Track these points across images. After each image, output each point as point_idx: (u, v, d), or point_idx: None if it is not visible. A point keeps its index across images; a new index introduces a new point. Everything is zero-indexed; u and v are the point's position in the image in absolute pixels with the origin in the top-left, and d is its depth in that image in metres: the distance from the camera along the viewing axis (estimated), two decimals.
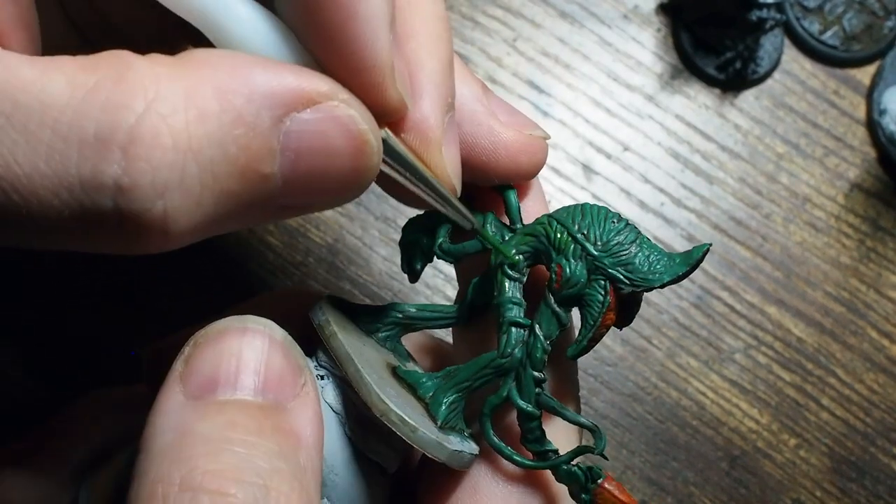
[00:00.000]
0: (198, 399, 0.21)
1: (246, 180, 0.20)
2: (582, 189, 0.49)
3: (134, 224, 0.19)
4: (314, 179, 0.21)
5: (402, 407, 0.24)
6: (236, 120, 0.20)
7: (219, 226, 0.21)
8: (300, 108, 0.20)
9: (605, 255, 0.25)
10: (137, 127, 0.19)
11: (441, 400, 0.26)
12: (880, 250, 0.49)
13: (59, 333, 0.43)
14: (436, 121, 0.25)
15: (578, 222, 0.26)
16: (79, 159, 0.18)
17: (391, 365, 0.27)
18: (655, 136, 0.50)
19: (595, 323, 0.25)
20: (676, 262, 0.25)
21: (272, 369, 0.23)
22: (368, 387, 0.24)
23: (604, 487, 0.25)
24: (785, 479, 0.47)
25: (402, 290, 0.46)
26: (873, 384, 0.48)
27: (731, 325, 0.48)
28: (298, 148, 0.21)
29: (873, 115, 0.50)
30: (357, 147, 0.21)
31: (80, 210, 0.19)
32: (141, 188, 0.19)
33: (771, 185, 0.49)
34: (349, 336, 0.25)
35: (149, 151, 0.19)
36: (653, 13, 0.51)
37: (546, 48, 0.50)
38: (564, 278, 0.25)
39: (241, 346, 0.22)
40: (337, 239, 0.46)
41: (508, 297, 0.26)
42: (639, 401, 0.47)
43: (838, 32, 0.51)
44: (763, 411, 0.47)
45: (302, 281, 0.46)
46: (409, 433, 0.24)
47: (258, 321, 0.23)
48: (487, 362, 0.26)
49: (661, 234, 0.48)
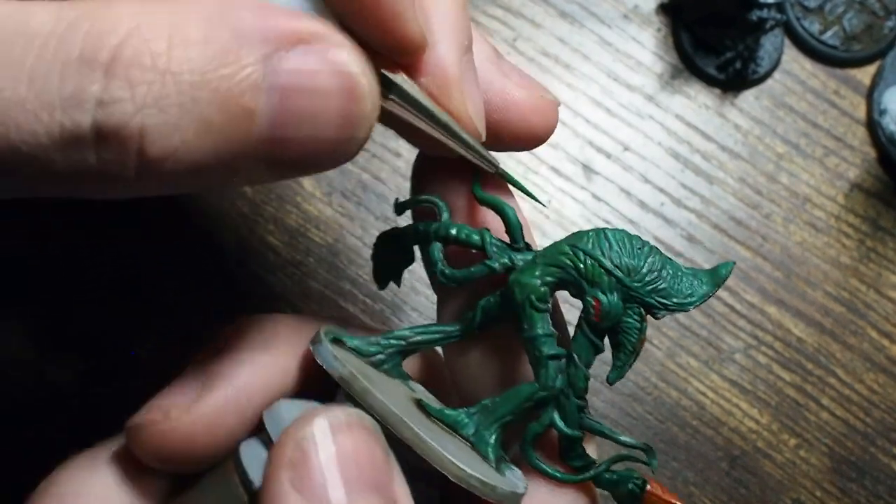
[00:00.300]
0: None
1: (227, 112, 0.20)
2: (582, 189, 0.49)
3: (112, 142, 0.19)
4: (303, 122, 0.20)
5: (473, 466, 0.24)
6: (220, 50, 0.19)
7: (200, 168, 0.20)
8: (288, 47, 0.20)
9: (641, 285, 0.25)
10: (119, 48, 0.19)
11: (486, 439, 0.26)
12: (880, 250, 0.49)
13: (64, 328, 0.43)
14: (453, 60, 0.24)
15: (608, 253, 0.26)
16: (60, 81, 0.19)
17: (415, 400, 0.27)
18: (655, 135, 0.50)
19: (634, 349, 0.26)
20: (704, 282, 0.26)
21: (378, 462, 0.23)
22: (437, 453, 0.24)
23: (651, 493, 0.26)
24: (785, 479, 0.47)
25: (402, 290, 0.46)
26: (873, 384, 0.48)
27: (731, 324, 0.48)
28: (285, 86, 0.20)
29: (873, 115, 0.50)
30: (347, 89, 0.21)
31: (58, 132, 0.19)
32: (119, 103, 0.19)
33: (771, 185, 0.49)
34: (375, 384, 0.25)
35: (128, 70, 0.19)
36: (653, 13, 0.51)
37: (546, 48, 0.50)
38: (604, 312, 0.25)
39: (351, 445, 0.22)
40: (337, 239, 0.46)
41: (540, 332, 0.26)
42: (639, 401, 0.47)
43: (838, 32, 0.51)
44: (763, 411, 0.47)
45: (302, 281, 0.46)
46: (489, 493, 0.24)
47: (352, 413, 0.23)
48: (528, 395, 0.26)
49: (661, 234, 0.48)
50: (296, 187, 0.47)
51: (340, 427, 0.23)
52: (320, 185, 0.47)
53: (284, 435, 0.22)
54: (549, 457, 0.27)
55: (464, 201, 0.28)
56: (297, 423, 0.23)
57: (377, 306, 0.46)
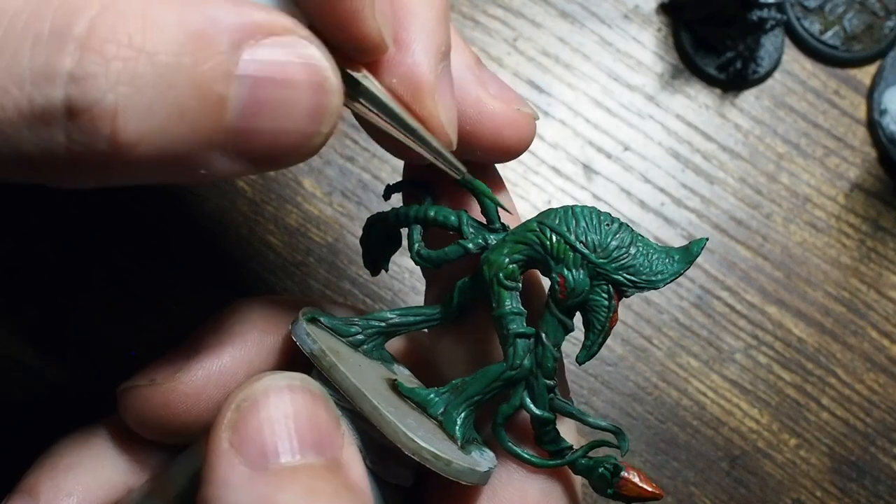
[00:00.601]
0: (263, 469, 0.21)
1: (201, 97, 0.19)
2: (582, 189, 0.49)
3: (83, 119, 0.19)
4: (273, 113, 0.21)
5: (430, 441, 0.24)
6: (194, 34, 0.19)
7: (171, 156, 0.20)
8: (259, 38, 0.20)
9: (607, 261, 0.25)
10: (93, 22, 0.18)
11: (454, 418, 0.26)
12: (881, 250, 0.49)
13: (60, 331, 0.43)
14: (428, 67, 0.24)
15: (574, 230, 0.25)
16: (31, 53, 0.18)
17: (389, 380, 0.26)
18: (656, 135, 0.50)
19: (603, 328, 0.25)
20: (676, 260, 0.25)
21: (321, 425, 0.23)
22: (393, 426, 0.24)
23: (627, 479, 0.25)
24: (785, 479, 0.47)
25: (402, 290, 0.46)
26: (873, 384, 0.48)
27: (731, 325, 0.48)
28: (256, 75, 0.20)
29: (874, 115, 0.50)
30: (316, 82, 0.21)
31: (28, 107, 0.18)
32: (94, 78, 0.18)
33: (771, 185, 0.49)
34: (344, 361, 0.25)
35: (103, 44, 0.18)
36: (653, 13, 0.51)
37: (546, 48, 0.50)
38: (569, 289, 0.25)
39: (290, 406, 0.22)
40: (337, 238, 0.46)
41: (509, 309, 0.26)
42: (639, 401, 0.47)
43: (839, 32, 0.51)
44: (763, 411, 0.47)
45: (303, 281, 0.46)
46: (443, 467, 0.24)
47: (296, 377, 0.23)
48: (497, 375, 0.26)
49: (661, 234, 0.48)
50: (296, 187, 0.47)
51: (281, 390, 0.23)
52: (320, 185, 0.47)
53: (228, 397, 0.23)
54: (527, 442, 0.27)
55: (449, 185, 0.28)
56: (241, 386, 0.23)
57: (377, 306, 0.46)
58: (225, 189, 0.46)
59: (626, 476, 0.25)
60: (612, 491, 0.26)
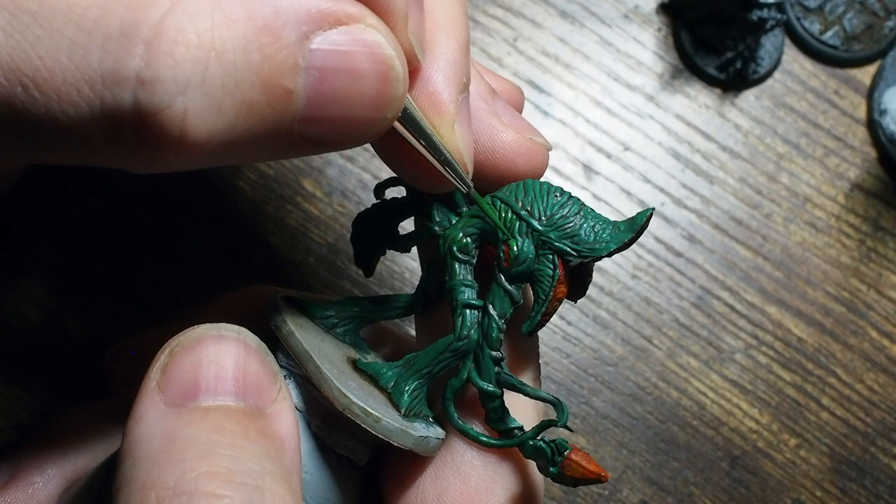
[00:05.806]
0: (180, 406, 0.22)
1: (268, 92, 0.20)
2: (582, 189, 0.49)
3: (152, 123, 0.19)
4: (338, 102, 0.21)
5: (363, 399, 0.24)
6: (262, 29, 0.19)
7: (238, 146, 0.20)
8: (326, 27, 0.20)
9: (551, 229, 0.25)
10: (162, 23, 0.18)
11: (403, 388, 0.26)
12: (881, 250, 0.49)
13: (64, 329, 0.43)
14: (449, 96, 0.25)
15: (521, 199, 0.26)
16: (101, 53, 0.18)
17: (351, 359, 0.27)
18: (656, 135, 0.50)
19: (547, 297, 0.25)
20: (621, 230, 0.25)
21: (250, 375, 0.23)
22: (328, 382, 0.24)
23: (571, 459, 0.25)
24: (785, 479, 0.47)
25: (402, 290, 0.46)
26: (874, 384, 0.48)
27: (731, 325, 0.48)
28: (323, 67, 0.20)
29: (874, 115, 0.50)
30: (383, 72, 0.21)
31: (99, 106, 0.19)
32: (162, 82, 0.18)
33: (771, 185, 0.49)
34: (307, 334, 0.25)
35: (172, 46, 0.18)
36: (653, 13, 0.51)
37: (546, 48, 0.50)
38: (513, 256, 0.25)
39: (219, 354, 0.23)
40: (337, 238, 0.46)
41: (460, 280, 0.26)
42: (639, 401, 0.47)
43: (839, 32, 0.51)
44: (763, 411, 0.47)
45: (303, 281, 0.46)
46: (372, 423, 0.24)
47: (231, 328, 0.23)
48: (445, 346, 0.26)
49: (661, 234, 0.48)
50: (296, 187, 0.47)
51: (213, 338, 0.23)
52: (320, 185, 0.47)
53: (164, 345, 0.23)
54: (479, 423, 0.26)
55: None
56: (178, 335, 0.23)
57: None
58: (225, 189, 0.46)
59: (571, 457, 0.25)
60: (556, 471, 0.25)
